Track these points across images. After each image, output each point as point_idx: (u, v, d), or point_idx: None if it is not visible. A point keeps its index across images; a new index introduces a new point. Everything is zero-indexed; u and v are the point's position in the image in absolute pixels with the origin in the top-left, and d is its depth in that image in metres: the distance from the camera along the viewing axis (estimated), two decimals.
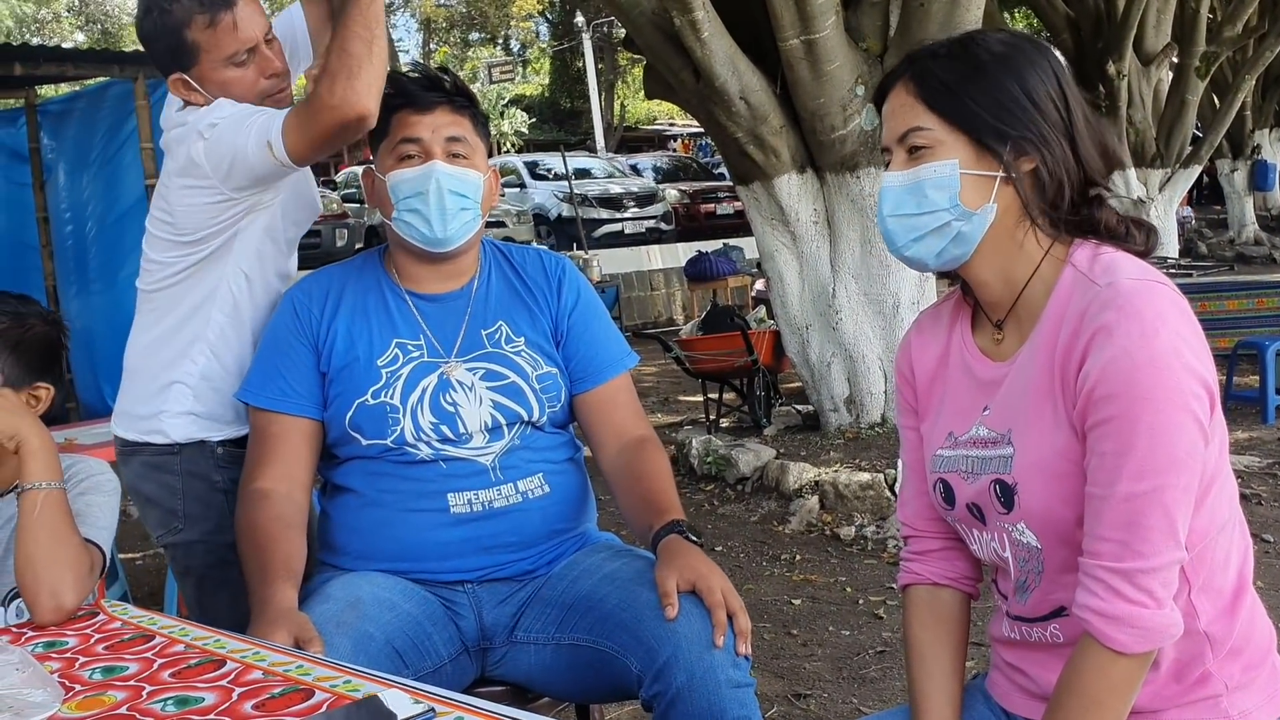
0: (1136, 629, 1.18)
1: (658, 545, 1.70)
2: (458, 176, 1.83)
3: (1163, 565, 1.18)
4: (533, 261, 1.98)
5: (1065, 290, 1.28)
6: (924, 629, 1.46)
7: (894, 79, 1.36)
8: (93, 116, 7.26)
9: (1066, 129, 1.29)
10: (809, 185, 5.52)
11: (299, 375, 1.85)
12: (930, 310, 1.50)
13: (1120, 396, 1.18)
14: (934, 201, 1.31)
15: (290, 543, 1.74)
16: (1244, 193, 16.33)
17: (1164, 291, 1.22)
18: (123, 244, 7.11)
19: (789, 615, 3.72)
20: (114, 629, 1.45)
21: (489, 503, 1.80)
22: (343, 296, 1.89)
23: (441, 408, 1.81)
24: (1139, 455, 1.17)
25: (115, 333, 7.78)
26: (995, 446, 1.32)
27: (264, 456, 1.83)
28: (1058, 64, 1.32)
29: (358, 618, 1.64)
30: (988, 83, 1.29)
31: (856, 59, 5.29)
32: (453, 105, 1.86)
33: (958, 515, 1.40)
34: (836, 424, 5.62)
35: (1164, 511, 1.17)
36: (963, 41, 1.34)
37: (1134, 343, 1.18)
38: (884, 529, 4.43)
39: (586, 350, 1.92)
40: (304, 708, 1.10)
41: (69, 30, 29.37)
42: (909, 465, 1.50)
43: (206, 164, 1.85)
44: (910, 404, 1.49)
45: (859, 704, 2.99)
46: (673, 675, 1.55)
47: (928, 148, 1.31)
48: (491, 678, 1.83)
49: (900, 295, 5.41)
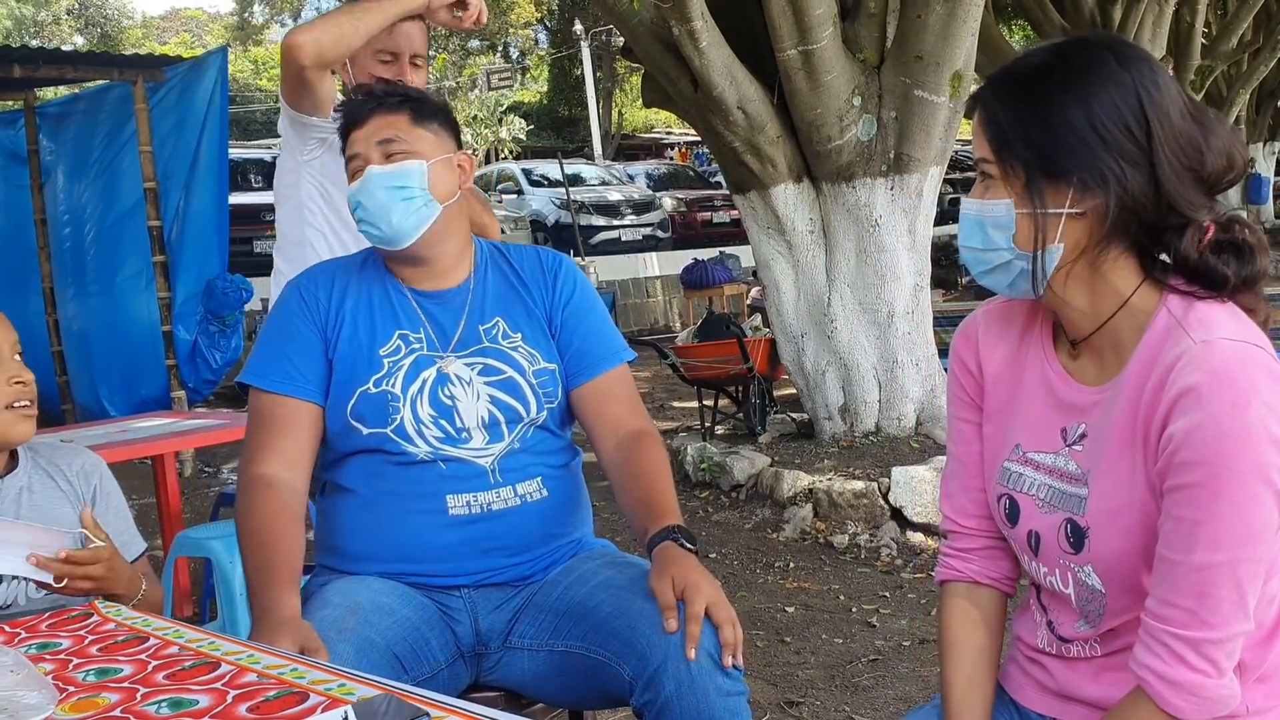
0: (1197, 698, 1.17)
1: (653, 550, 1.69)
2: (389, 171, 1.84)
3: (1230, 637, 1.17)
4: (530, 258, 1.99)
5: (1158, 335, 1.22)
6: (962, 629, 1.43)
7: (976, 98, 1.29)
8: (92, 119, 7.28)
9: (1145, 156, 1.19)
10: (805, 195, 5.54)
11: (306, 359, 1.85)
12: (999, 305, 1.43)
13: (1204, 465, 1.14)
14: (994, 240, 1.27)
15: (293, 539, 1.74)
16: (1238, 206, 16.40)
17: (1259, 357, 1.16)
18: (121, 247, 7.12)
19: (782, 623, 3.72)
20: (108, 630, 1.46)
21: (487, 505, 1.80)
22: (349, 286, 1.91)
23: (440, 401, 1.81)
24: (1217, 526, 1.14)
25: (112, 335, 7.82)
26: (1075, 484, 1.29)
27: (269, 441, 1.81)
28: (1148, 79, 1.21)
29: (358, 624, 1.64)
30: (1048, 116, 1.21)
31: (854, 70, 5.31)
32: (384, 108, 1.88)
33: (1015, 536, 1.37)
34: (831, 432, 5.63)
35: (1236, 584, 1.15)
36: (1042, 61, 1.26)
37: (1224, 411, 1.13)
38: (877, 537, 4.44)
39: (582, 343, 1.92)
40: (298, 711, 1.11)
41: (68, 33, 29.37)
42: (960, 459, 1.45)
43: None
44: (971, 398, 1.43)
45: (851, 712, 3.00)
46: (663, 683, 1.55)
47: (991, 179, 1.27)
48: (485, 683, 1.84)
49: (895, 305, 5.43)
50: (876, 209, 5.39)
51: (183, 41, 33.23)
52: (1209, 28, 11.31)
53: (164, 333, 6.81)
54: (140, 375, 7.06)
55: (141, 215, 6.79)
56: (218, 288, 6.79)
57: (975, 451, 1.44)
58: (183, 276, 6.86)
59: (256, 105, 32.36)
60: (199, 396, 7.09)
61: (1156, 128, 1.19)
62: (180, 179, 6.87)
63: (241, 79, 31.29)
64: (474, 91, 29.39)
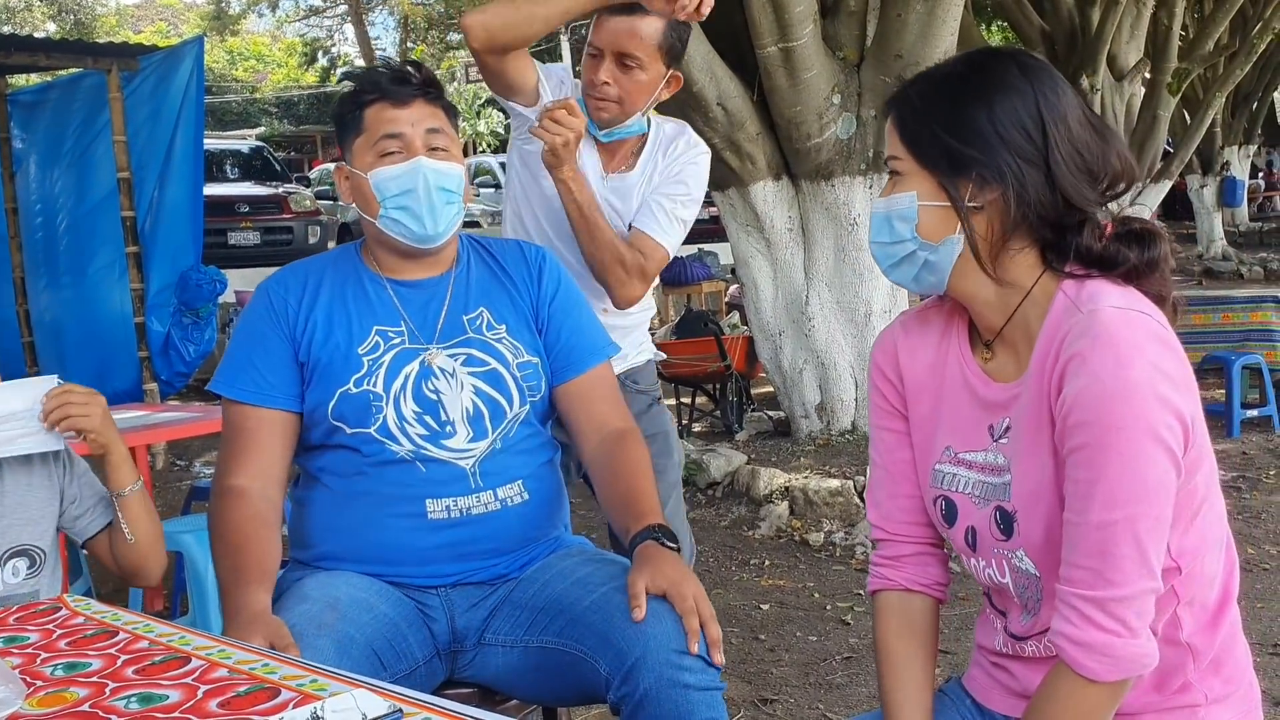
0: (1108, 657, 1.19)
1: (634, 549, 1.69)
2: (443, 171, 1.82)
3: (1135, 594, 1.18)
4: (512, 251, 1.98)
5: (1056, 318, 1.28)
6: (897, 637, 1.45)
7: (891, 101, 1.37)
8: (65, 108, 7.20)
9: (1040, 157, 1.26)
10: (784, 192, 5.54)
11: (274, 367, 1.82)
12: (915, 313, 1.48)
13: (1092, 424, 1.18)
14: (899, 232, 1.33)
15: (265, 542, 1.72)
16: (1213, 209, 16.53)
17: (1144, 321, 1.22)
18: (94, 237, 7.04)
19: (757, 620, 3.73)
20: (77, 624, 1.44)
21: (467, 509, 1.78)
22: (320, 287, 1.87)
23: (424, 396, 1.79)
24: (1109, 483, 1.18)
25: (84, 327, 7.76)
26: (1001, 473, 1.32)
27: (239, 451, 1.80)
28: (1047, 87, 1.29)
29: (338, 619, 1.63)
30: (954, 114, 1.29)
31: (833, 68, 5.31)
32: (427, 97, 1.85)
33: (953, 536, 1.39)
34: (807, 430, 5.64)
35: (1135, 541, 1.18)
36: (950, 68, 1.35)
37: (1107, 370, 1.18)
38: (853, 535, 4.45)
39: (568, 339, 1.91)
40: (269, 706, 1.10)
41: (40, 20, 29.08)
42: (885, 468, 1.48)
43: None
44: (894, 407, 1.47)
45: (825, 709, 3.00)
46: (640, 678, 1.55)
47: (900, 175, 1.34)
48: (459, 679, 1.83)
49: (872, 304, 5.44)
50: (855, 208, 5.40)
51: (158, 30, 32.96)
52: (1186, 31, 11.38)
53: (137, 324, 6.75)
54: (112, 367, 6.99)
55: (115, 205, 6.72)
56: (191, 280, 6.73)
57: (900, 459, 1.46)
58: (156, 268, 6.79)
59: (232, 96, 32.14)
60: (172, 389, 7.02)
61: (1053, 130, 1.27)
62: (155, 169, 6.81)
63: (217, 69, 31.04)
64: (452, 84, 29.28)
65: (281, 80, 34.35)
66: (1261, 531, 4.39)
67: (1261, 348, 6.13)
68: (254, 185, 13.68)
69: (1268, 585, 3.81)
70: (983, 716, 1.43)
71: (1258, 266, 14.60)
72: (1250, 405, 6.08)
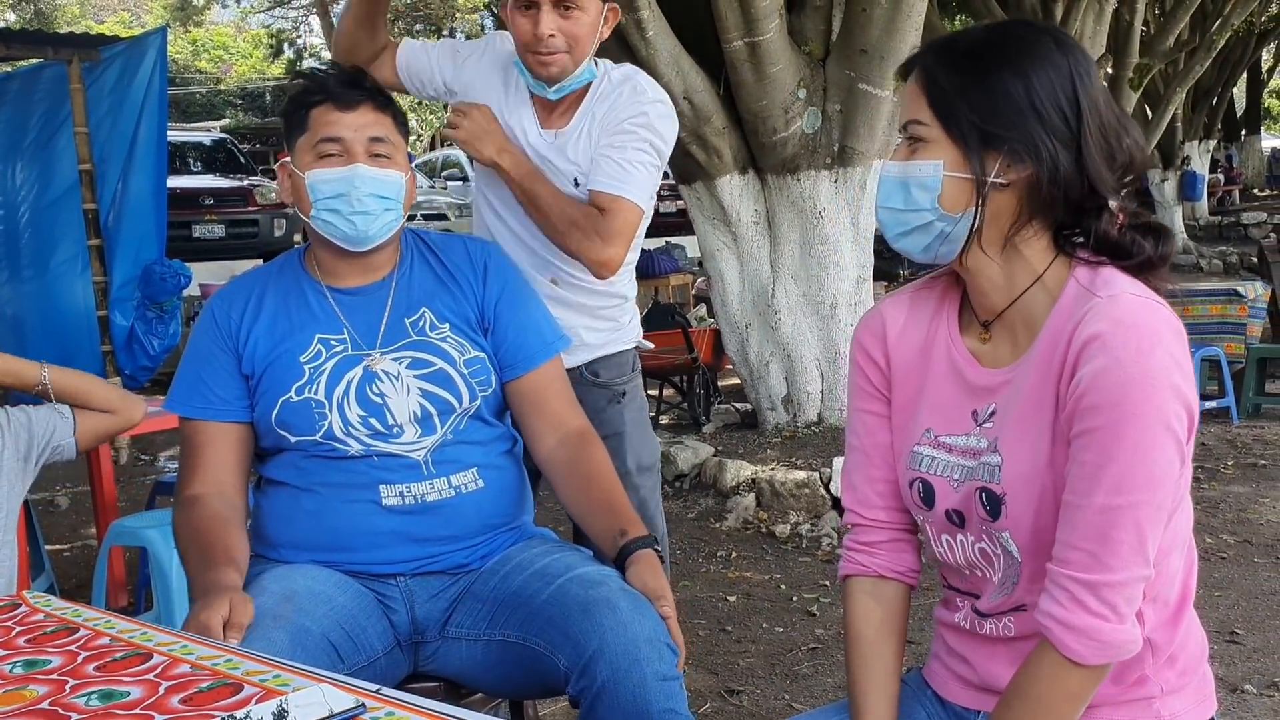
0: (1095, 641, 1.19)
1: (630, 555, 1.73)
2: (380, 179, 1.82)
3: (1129, 580, 1.19)
4: (456, 249, 1.97)
5: (1068, 303, 1.26)
6: (867, 624, 1.43)
7: (914, 62, 1.32)
8: (26, 99, 7.10)
9: (1073, 138, 1.23)
10: (750, 186, 5.56)
11: (220, 381, 1.84)
12: (905, 294, 1.45)
13: (1109, 408, 1.17)
14: (917, 200, 1.29)
15: (230, 535, 1.73)
16: (1173, 203, 16.71)
17: (1163, 311, 1.21)
18: (55, 230, 6.96)
19: (723, 612, 3.75)
20: (36, 621, 1.43)
21: (421, 496, 1.79)
22: (264, 299, 1.88)
23: (369, 399, 1.80)
24: (1119, 469, 1.17)
25: (46, 321, 7.68)
26: (987, 455, 1.30)
27: (194, 465, 1.83)
28: (1082, 65, 1.26)
29: (293, 610, 1.63)
30: (991, 86, 1.24)
31: (799, 62, 5.33)
32: (375, 103, 1.85)
33: (932, 518, 1.38)
34: (774, 422, 5.66)
35: (1136, 528, 1.18)
36: (983, 35, 1.30)
37: (1129, 355, 1.17)
38: (819, 527, 4.48)
39: (516, 336, 1.91)
40: (232, 702, 1.10)
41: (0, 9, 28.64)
42: (864, 450, 1.45)
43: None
44: (877, 389, 1.44)
45: (790, 700, 3.03)
46: (597, 669, 1.56)
47: (923, 142, 1.29)
48: (424, 673, 1.83)
49: (838, 296, 5.47)
50: (820, 201, 5.43)
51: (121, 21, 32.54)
52: (1148, 27, 11.50)
53: (100, 318, 6.68)
54: (75, 361, 6.86)
55: (77, 199, 6.64)
56: (155, 273, 6.66)
57: (879, 442, 1.44)
58: (120, 261, 6.72)
59: (196, 87, 31.79)
60: (136, 383, 6.95)
61: (1086, 111, 1.24)
62: (118, 161, 6.73)
63: (181, 60, 30.71)
64: None
65: (247, 72, 34.01)
66: (1219, 521, 4.46)
67: (1221, 340, 6.22)
68: (219, 178, 13.53)
69: (1225, 574, 3.87)
70: (944, 708, 1.43)
71: (1217, 260, 14.78)
72: (1209, 397, 6.16)
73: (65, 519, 5.47)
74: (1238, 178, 22.48)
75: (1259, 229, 16.80)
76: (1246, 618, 3.47)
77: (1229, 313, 6.29)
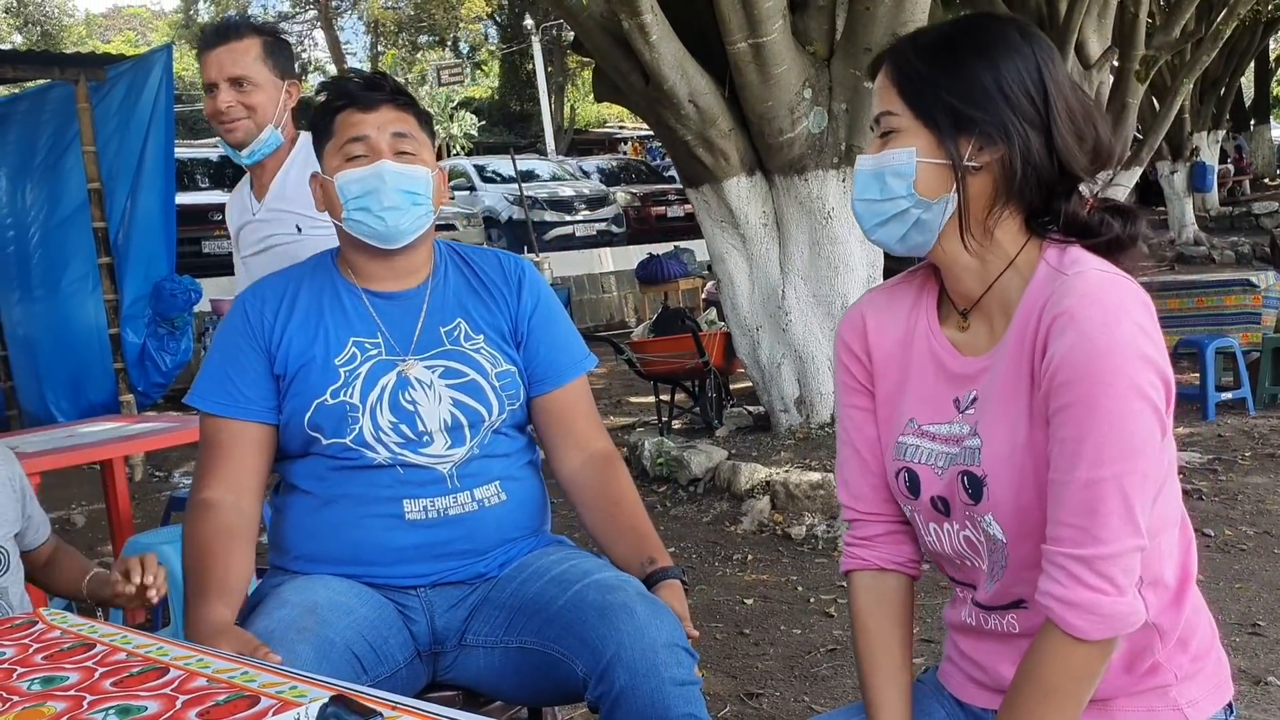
0: (1096, 615, 1.19)
1: (655, 585, 1.76)
2: (406, 174, 1.82)
3: (1122, 552, 1.19)
4: (490, 262, 1.97)
5: (1039, 286, 1.27)
6: (872, 617, 1.44)
7: (880, 61, 1.35)
8: (34, 120, 7.14)
9: (1042, 121, 1.26)
10: (758, 188, 5.55)
11: (249, 380, 1.82)
12: (884, 289, 1.47)
13: (1080, 382, 1.19)
14: (893, 189, 1.31)
15: (231, 556, 1.73)
16: (1183, 194, 16.64)
17: (1128, 285, 1.23)
18: (65, 249, 6.99)
19: (741, 615, 3.74)
20: (53, 638, 1.43)
21: (444, 510, 1.78)
22: (297, 298, 1.87)
23: (401, 406, 1.79)
24: (1097, 441, 1.18)
25: (58, 340, 7.71)
26: (960, 443, 1.32)
27: (212, 466, 1.81)
28: (1046, 53, 1.29)
29: (317, 623, 1.63)
30: (959, 72, 1.28)
31: (804, 62, 5.33)
32: (395, 103, 1.86)
33: (919, 507, 1.39)
34: (787, 424, 5.65)
35: (1122, 498, 1.18)
36: (950, 28, 1.33)
37: (1095, 328, 1.18)
38: (834, 528, 4.47)
39: (548, 353, 1.91)
40: (249, 715, 1.09)
41: (6, 31, 28.84)
42: (854, 446, 1.46)
43: None
44: (862, 384, 1.46)
45: (810, 702, 3.01)
46: (615, 675, 1.55)
47: (895, 133, 1.31)
48: (443, 682, 1.83)
49: (848, 296, 5.46)
50: (829, 201, 5.42)
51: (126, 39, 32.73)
52: (1153, 18, 11.46)
53: (111, 336, 6.70)
54: (88, 379, 6.94)
55: (86, 218, 6.68)
56: (165, 289, 6.69)
57: (868, 436, 1.45)
58: (130, 278, 6.75)
59: (203, 104, 31.90)
60: (148, 400, 6.98)
61: (1053, 95, 1.27)
62: (126, 179, 6.76)
63: (187, 77, 30.84)
64: (424, 87, 29.20)
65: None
66: (1238, 513, 4.43)
67: (1236, 331, 6.19)
68: (227, 193, 13.57)
69: (1245, 566, 3.85)
70: (960, 708, 1.43)
71: (1229, 250, 14.72)
72: (1224, 388, 6.13)
73: (81, 536, 5.49)
74: (1248, 168, 22.39)
75: (1271, 219, 16.74)
76: (1269, 609, 3.45)
77: (1243, 303, 6.25)
